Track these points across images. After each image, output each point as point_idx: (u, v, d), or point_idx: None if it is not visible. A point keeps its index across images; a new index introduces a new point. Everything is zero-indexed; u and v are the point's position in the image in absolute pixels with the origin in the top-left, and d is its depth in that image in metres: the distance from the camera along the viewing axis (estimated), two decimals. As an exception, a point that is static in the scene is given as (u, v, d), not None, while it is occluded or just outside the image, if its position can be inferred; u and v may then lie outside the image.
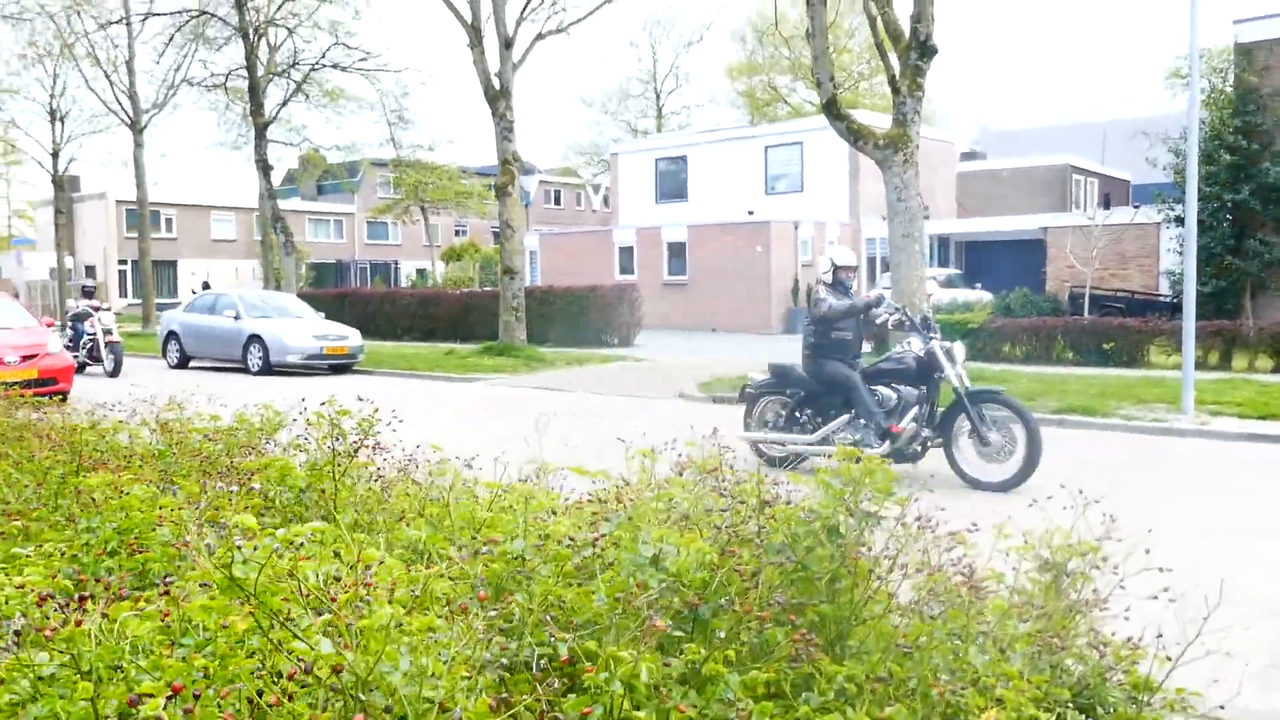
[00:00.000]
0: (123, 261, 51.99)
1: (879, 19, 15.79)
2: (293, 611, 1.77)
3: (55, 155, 34.77)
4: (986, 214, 35.41)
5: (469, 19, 21.63)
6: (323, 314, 22.59)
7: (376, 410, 4.71)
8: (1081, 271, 24.16)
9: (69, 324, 20.53)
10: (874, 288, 28.76)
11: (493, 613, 1.98)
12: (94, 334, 19.49)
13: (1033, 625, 2.38)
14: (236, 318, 20.27)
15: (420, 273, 53.93)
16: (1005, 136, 53.59)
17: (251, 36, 25.96)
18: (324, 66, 27.47)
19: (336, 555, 2.29)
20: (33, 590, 2.04)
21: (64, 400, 15.14)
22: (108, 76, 30.20)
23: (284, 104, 28.10)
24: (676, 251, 30.52)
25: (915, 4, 15.52)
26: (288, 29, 27.69)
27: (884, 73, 17.11)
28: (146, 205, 31.63)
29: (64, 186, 35.98)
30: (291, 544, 1.92)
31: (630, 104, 62.04)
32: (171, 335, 21.50)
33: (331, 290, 37.12)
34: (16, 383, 14.29)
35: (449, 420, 13.32)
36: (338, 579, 1.86)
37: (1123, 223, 26.33)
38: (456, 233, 63.23)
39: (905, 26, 15.80)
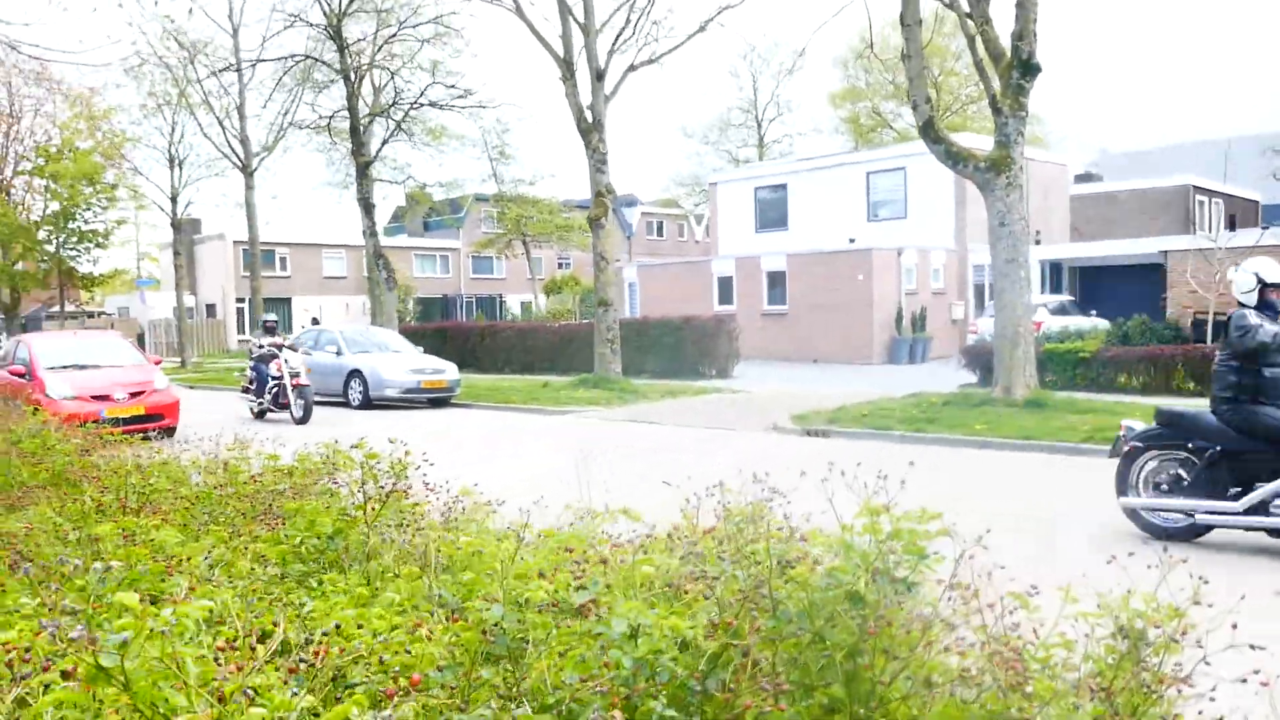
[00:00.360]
0: (240, 299, 53.84)
1: (978, 38, 15.25)
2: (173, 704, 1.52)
3: (174, 199, 36.23)
4: (1103, 238, 34.04)
5: (561, 53, 21.75)
6: (421, 348, 22.84)
7: (409, 453, 4.54)
8: (1204, 297, 22.89)
9: (251, 366, 18.44)
10: (981, 314, 27.81)
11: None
12: (280, 377, 17.44)
13: (1094, 708, 1.99)
14: (338, 353, 20.62)
15: (523, 306, 54.53)
16: (1127, 158, 51.73)
17: (353, 78, 26.60)
18: (423, 105, 27.98)
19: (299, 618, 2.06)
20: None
21: (170, 435, 15.58)
22: (220, 122, 31.41)
23: (384, 143, 28.70)
24: (776, 281, 30.08)
25: (1016, 21, 14.95)
26: (389, 70, 28.33)
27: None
28: (258, 245, 32.68)
29: (181, 229, 37.42)
30: (185, 622, 1.68)
31: (731, 134, 61.96)
32: (272, 371, 21.98)
33: (434, 324, 37.72)
34: (124, 418, 14.80)
35: (535, 454, 13.19)
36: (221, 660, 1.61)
37: (1249, 244, 24.91)
38: (560, 265, 63.84)
39: (1006, 45, 15.25)
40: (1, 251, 48.71)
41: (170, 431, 15.50)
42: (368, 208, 26.86)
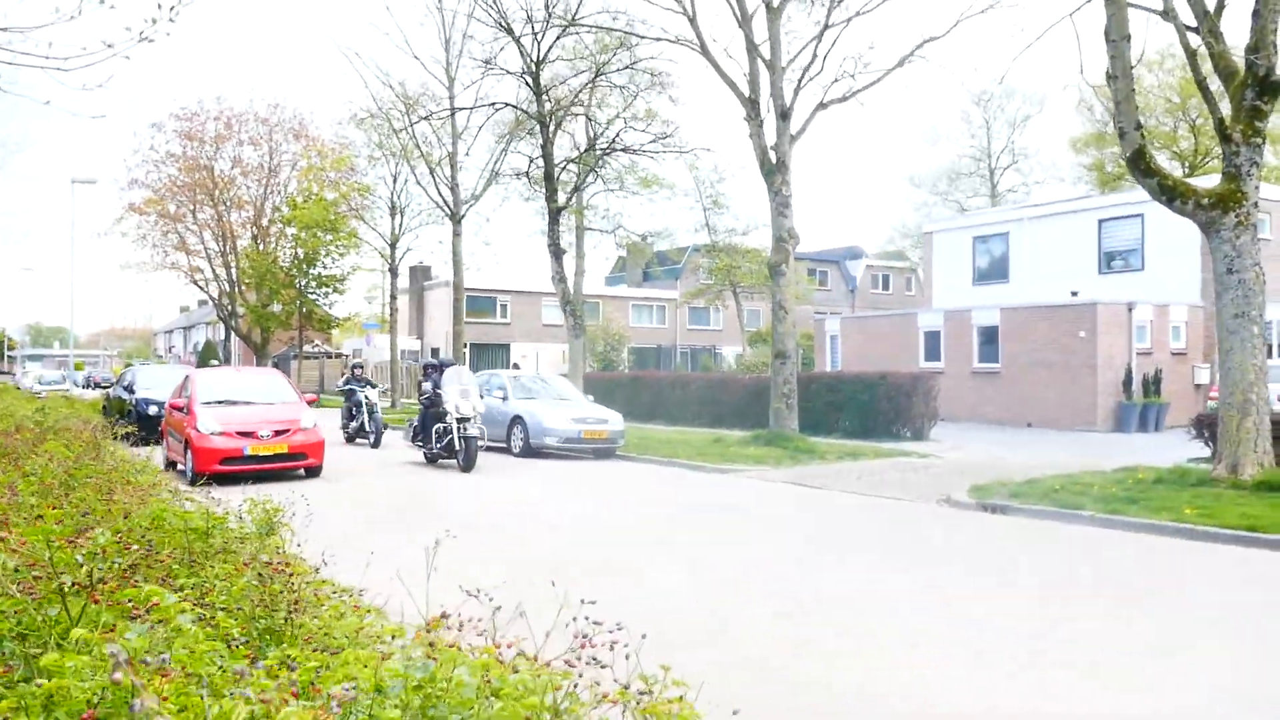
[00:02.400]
0: (462, 345, 55.73)
1: (1198, 52, 13.03)
2: None
3: (393, 246, 37.72)
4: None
5: (747, 92, 20.74)
6: (591, 397, 22.16)
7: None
8: None
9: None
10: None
11: None
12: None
13: None
14: (504, 399, 20.21)
15: (736, 358, 53.49)
16: None
17: (549, 124, 26.58)
18: (615, 150, 27.63)
19: None
20: None
21: (314, 475, 15.45)
22: (431, 171, 32.27)
23: (575, 190, 28.54)
24: (988, 337, 27.60)
25: (1252, 33, 12.67)
26: (587, 116, 28.21)
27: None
28: (463, 291, 33.30)
29: (395, 273, 38.88)
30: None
31: (961, 183, 58.87)
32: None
33: (624, 374, 37.33)
34: (266, 455, 14.70)
35: (610, 515, 11.99)
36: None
37: None
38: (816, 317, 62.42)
39: (1239, 61, 12.96)
40: (254, 294, 52.68)
41: (315, 471, 15.40)
42: (557, 253, 26.65)
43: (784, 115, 20.25)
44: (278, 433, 14.74)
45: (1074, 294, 27.36)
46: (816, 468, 17.24)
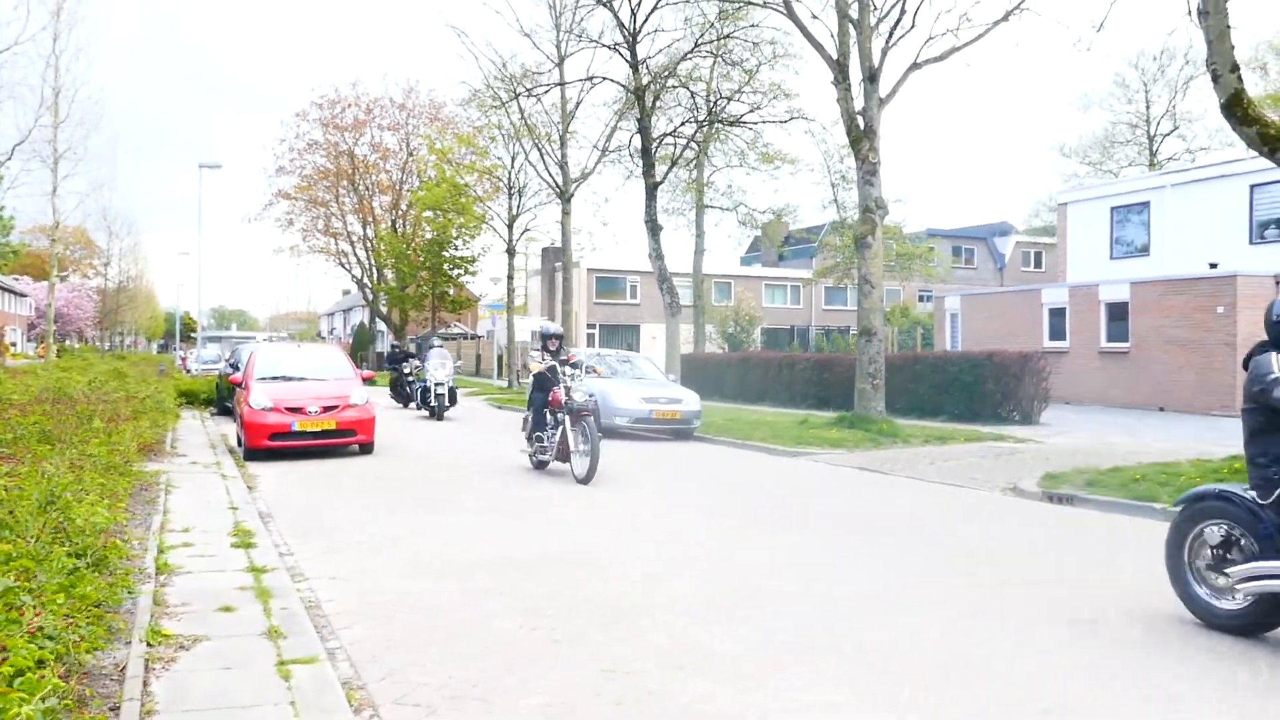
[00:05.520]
0: (591, 325, 55.81)
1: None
2: None
3: (510, 225, 37.90)
4: None
5: (835, 54, 19.63)
6: (673, 376, 21.53)
7: None
8: None
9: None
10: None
11: None
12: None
13: None
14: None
15: (844, 336, 51.77)
16: None
17: (646, 98, 25.97)
18: (708, 123, 26.79)
19: None
20: None
21: (367, 452, 15.38)
22: (539, 149, 32.15)
23: (672, 164, 27.84)
24: (1117, 313, 25.52)
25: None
26: (688, 89, 27.47)
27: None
28: (570, 269, 33.12)
29: (513, 253, 39.02)
30: None
31: (1116, 153, 55.05)
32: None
33: (731, 354, 36.37)
34: (314, 432, 14.70)
35: (693, 504, 11.29)
36: None
37: None
38: (921, 298, 60.08)
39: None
40: (394, 276, 54.12)
41: (367, 448, 15.33)
42: (654, 230, 26.05)
43: (871, 78, 19.05)
44: (326, 409, 14.71)
45: (1212, 265, 24.98)
46: (894, 451, 16.17)
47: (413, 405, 25.62)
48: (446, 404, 22.67)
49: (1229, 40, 11.41)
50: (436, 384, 22.47)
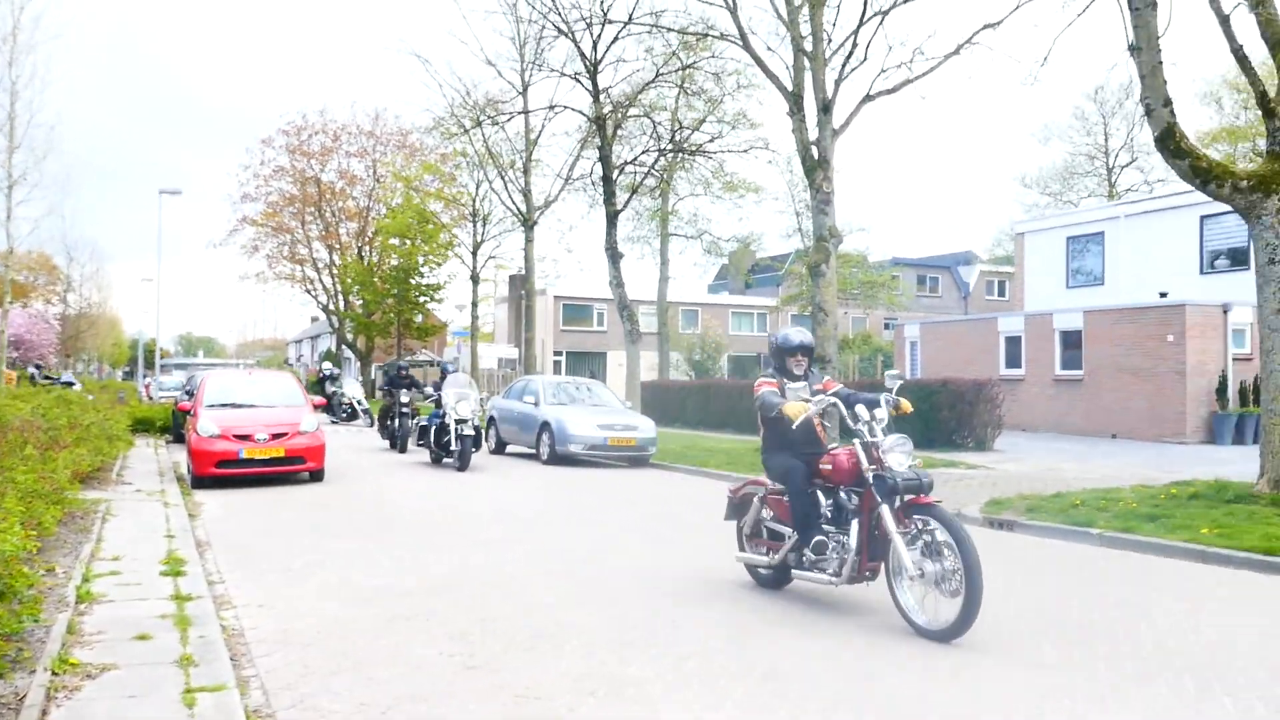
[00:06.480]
0: (558, 353, 55.84)
1: (1232, 20, 11.68)
2: None
3: (474, 253, 37.96)
4: None
5: (790, 86, 19.90)
6: (630, 404, 21.58)
7: None
8: None
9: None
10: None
11: None
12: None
13: None
14: (535, 404, 19.82)
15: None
16: None
17: (607, 127, 26.17)
18: (669, 153, 27.03)
19: None
20: None
21: (317, 479, 15.30)
22: (502, 176, 32.27)
23: (632, 193, 28.00)
24: (1071, 342, 25.87)
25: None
26: (651, 119, 27.70)
27: None
28: (534, 296, 33.19)
29: (477, 280, 39.09)
30: None
31: (1076, 183, 55.89)
32: (491, 420, 21.53)
33: (696, 381, 36.52)
34: (262, 460, 14.60)
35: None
36: None
37: None
38: (886, 325, 60.57)
39: (1286, 28, 11.59)
40: (359, 303, 53.87)
41: (317, 475, 15.26)
42: (615, 257, 26.16)
43: (825, 109, 19.33)
44: (275, 436, 14.62)
45: (1162, 294, 25.41)
46: (845, 479, 16.26)
47: (416, 446, 20.13)
48: (471, 448, 17.57)
49: (1161, 75, 11.71)
50: (459, 421, 17.35)
